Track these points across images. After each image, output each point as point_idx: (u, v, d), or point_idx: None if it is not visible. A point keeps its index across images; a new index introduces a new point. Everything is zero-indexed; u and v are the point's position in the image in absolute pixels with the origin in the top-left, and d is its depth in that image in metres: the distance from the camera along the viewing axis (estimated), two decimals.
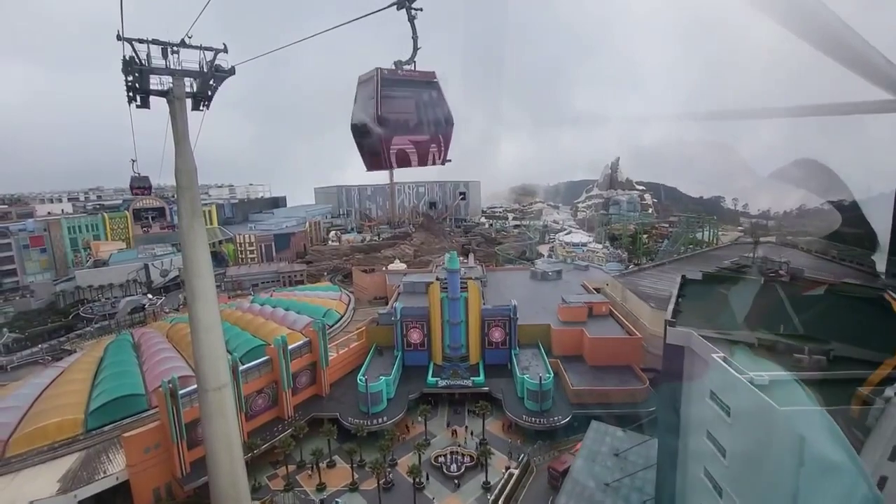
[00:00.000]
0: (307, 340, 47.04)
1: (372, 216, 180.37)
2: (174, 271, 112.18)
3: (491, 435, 43.39)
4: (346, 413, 44.39)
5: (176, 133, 19.56)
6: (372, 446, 40.43)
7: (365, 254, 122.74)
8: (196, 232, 20.12)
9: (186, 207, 19.90)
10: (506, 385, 48.38)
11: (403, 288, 72.57)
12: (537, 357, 51.62)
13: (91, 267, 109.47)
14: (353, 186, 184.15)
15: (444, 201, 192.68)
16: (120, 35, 17.17)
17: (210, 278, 21.08)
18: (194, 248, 20.16)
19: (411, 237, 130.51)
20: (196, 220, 20.18)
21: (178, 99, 19.18)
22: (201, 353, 21.18)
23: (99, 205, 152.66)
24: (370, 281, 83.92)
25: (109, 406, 40.64)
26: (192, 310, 20.91)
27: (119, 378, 44.59)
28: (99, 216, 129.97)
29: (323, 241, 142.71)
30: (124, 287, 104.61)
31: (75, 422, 39.13)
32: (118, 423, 39.96)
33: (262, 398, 42.40)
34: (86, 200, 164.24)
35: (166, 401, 34.42)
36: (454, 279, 50.26)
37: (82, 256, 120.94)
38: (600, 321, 56.63)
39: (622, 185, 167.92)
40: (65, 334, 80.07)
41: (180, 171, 19.67)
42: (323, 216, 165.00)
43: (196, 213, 20.22)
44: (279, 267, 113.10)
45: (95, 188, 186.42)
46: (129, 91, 20.30)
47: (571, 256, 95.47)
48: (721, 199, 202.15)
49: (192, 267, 20.37)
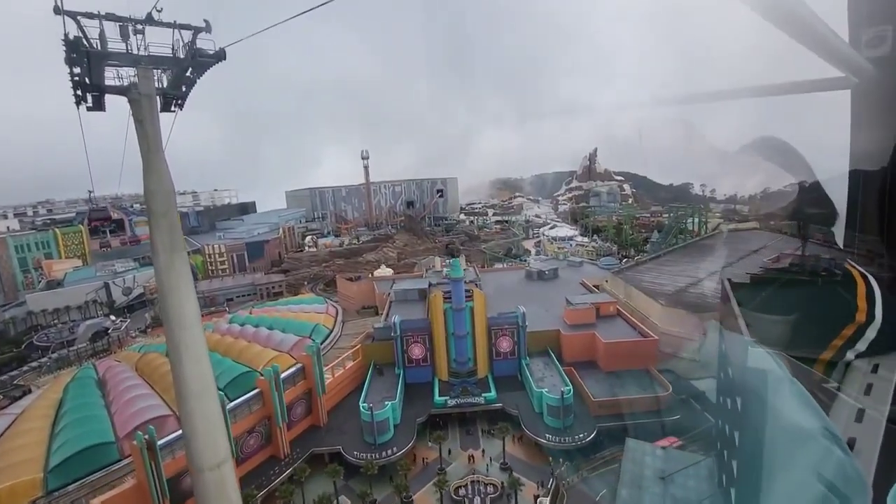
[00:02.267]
0: (300, 367, 42.18)
1: (348, 218, 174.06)
2: (138, 289, 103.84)
3: (511, 458, 39.83)
4: (350, 445, 39.89)
5: (145, 143, 14.76)
6: (382, 481, 36.30)
7: (346, 259, 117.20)
8: (178, 272, 15.38)
9: (163, 240, 15.12)
10: (519, 399, 44.96)
11: (395, 296, 68.20)
12: (549, 366, 48.41)
13: (44, 289, 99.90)
14: (327, 188, 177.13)
15: (422, 200, 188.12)
16: (58, 6, 12.33)
17: (198, 329, 16.37)
18: (177, 293, 15.39)
19: (393, 239, 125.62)
20: (177, 255, 15.44)
21: (146, 96, 14.39)
22: (193, 426, 16.44)
23: (49, 219, 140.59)
24: (357, 290, 79.01)
25: (74, 460, 34.75)
26: (177, 370, 16.17)
27: (83, 424, 38.61)
28: (50, 232, 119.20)
29: (299, 247, 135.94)
30: (83, 309, 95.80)
31: (33, 483, 33.22)
32: (85, 480, 34.21)
33: (253, 437, 37.44)
34: (34, 215, 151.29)
35: (143, 456, 29.17)
36: (458, 288, 46.37)
37: (33, 277, 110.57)
38: (609, 322, 53.87)
39: (601, 176, 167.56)
40: (17, 367, 71.71)
41: (153, 193, 14.87)
42: (297, 221, 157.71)
43: (176, 246, 15.46)
44: (255, 278, 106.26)
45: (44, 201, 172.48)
46: (75, 88, 15.37)
47: (564, 253, 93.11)
48: (690, 185, 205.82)
49: (175, 316, 15.59)
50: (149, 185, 14.84)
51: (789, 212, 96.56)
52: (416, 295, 67.79)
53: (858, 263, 19.61)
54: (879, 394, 14.08)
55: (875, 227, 14.07)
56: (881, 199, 12.92)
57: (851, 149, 15.03)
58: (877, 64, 11.04)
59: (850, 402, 14.68)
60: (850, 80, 12.23)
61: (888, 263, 14.69)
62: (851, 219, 19.78)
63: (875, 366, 15.58)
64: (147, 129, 14.60)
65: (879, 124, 12.43)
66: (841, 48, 11.05)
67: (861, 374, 15.53)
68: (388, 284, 77.68)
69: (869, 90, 12.10)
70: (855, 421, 14.20)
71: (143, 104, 14.39)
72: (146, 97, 14.36)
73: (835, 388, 15.73)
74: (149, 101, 14.49)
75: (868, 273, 18.48)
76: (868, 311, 17.68)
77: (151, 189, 14.81)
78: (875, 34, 10.76)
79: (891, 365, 14.75)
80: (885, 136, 11.84)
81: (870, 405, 13.97)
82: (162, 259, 15.13)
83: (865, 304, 18.01)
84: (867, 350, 16.19)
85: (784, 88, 16.08)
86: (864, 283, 19.17)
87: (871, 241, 15.45)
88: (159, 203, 14.87)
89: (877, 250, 15.16)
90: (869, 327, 17.19)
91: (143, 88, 14.25)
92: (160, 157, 14.86)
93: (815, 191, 36.84)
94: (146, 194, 14.91)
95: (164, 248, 15.12)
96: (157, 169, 14.73)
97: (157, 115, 14.83)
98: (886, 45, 10.70)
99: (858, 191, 15.38)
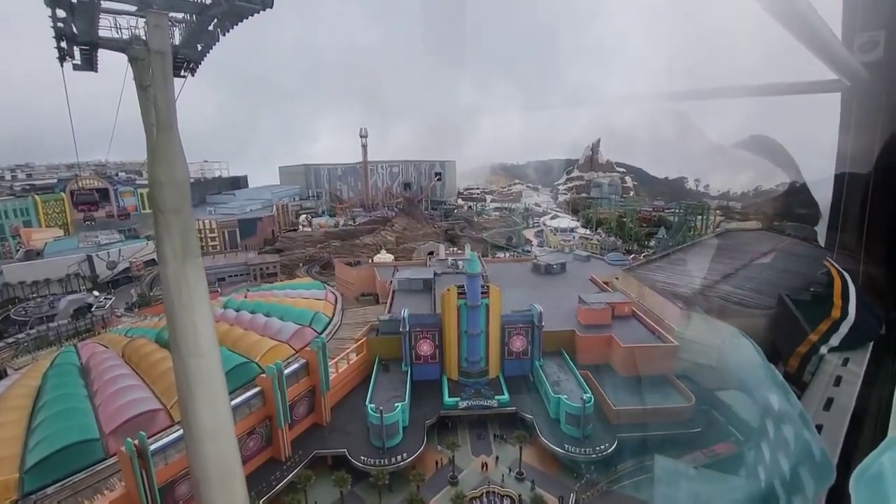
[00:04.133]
0: (304, 363, 39.18)
1: (343, 198, 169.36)
2: (124, 263, 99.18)
3: (526, 467, 37.65)
4: (356, 448, 37.31)
5: (150, 117, 11.23)
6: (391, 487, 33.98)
7: (342, 241, 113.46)
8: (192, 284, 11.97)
9: (173, 244, 11.64)
10: (532, 403, 42.75)
11: (398, 285, 65.14)
12: (564, 369, 46.15)
13: (22, 259, 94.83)
14: (322, 165, 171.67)
15: (419, 182, 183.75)
16: None
17: (215, 356, 13.12)
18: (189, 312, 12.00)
19: (392, 223, 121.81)
20: (190, 263, 12.01)
21: (158, 54, 10.78)
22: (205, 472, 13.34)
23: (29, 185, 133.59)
24: (356, 275, 75.70)
25: (54, 459, 31.59)
26: (189, 406, 12.95)
27: (64, 418, 35.34)
28: (29, 199, 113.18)
29: (292, 226, 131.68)
30: (64, 283, 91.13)
31: (6, 485, 30.10)
32: (66, 481, 31.12)
33: (253, 440, 34.57)
34: (13, 180, 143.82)
35: (132, 465, 26.15)
36: (474, 284, 43.48)
37: (11, 246, 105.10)
38: (624, 323, 51.68)
39: (602, 167, 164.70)
40: None
41: (161, 184, 11.34)
42: (291, 198, 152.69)
43: (190, 252, 12.00)
44: (248, 258, 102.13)
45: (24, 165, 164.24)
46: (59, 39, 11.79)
47: (570, 246, 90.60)
48: (684, 179, 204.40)
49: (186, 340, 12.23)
50: (156, 173, 11.35)
51: (779, 210, 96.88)
52: (420, 285, 64.87)
53: (837, 261, 21.99)
54: (847, 386, 15.38)
55: (856, 227, 14.66)
56: (863, 201, 13.22)
57: (838, 151, 15.63)
58: (868, 68, 11.44)
59: (820, 392, 15.91)
60: (841, 83, 12.80)
61: (864, 262, 15.79)
62: (833, 218, 20.40)
63: (845, 359, 16.91)
64: (156, 99, 11.07)
65: (867, 127, 12.85)
66: (836, 50, 11.50)
67: (832, 366, 16.83)
68: (390, 271, 74.59)
69: (859, 93, 12.57)
70: (823, 409, 15.26)
71: (152, 65, 10.81)
72: (158, 55, 10.75)
73: (808, 379, 17.15)
74: (161, 62, 10.89)
75: (844, 271, 19.96)
76: (842, 308, 18.68)
77: (160, 179, 11.32)
78: (868, 38, 11.31)
79: (859, 359, 16.01)
80: (870, 139, 12.34)
81: (837, 396, 15.12)
82: (172, 268, 11.75)
83: (840, 300, 19.07)
84: (839, 345, 17.52)
85: (778, 89, 17.82)
86: (840, 281, 20.52)
87: (851, 240, 16.80)
88: (170, 197, 11.42)
89: (856, 249, 15.83)
90: (843, 323, 18.23)
91: (155, 43, 10.62)
92: (172, 138, 11.36)
93: (802, 191, 39.44)
94: (152, 185, 11.47)
95: (174, 254, 11.74)
96: (167, 153, 11.22)
97: (170, 81, 11.27)
98: (878, 49, 11.16)
99: (842, 192, 16.87)
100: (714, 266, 67.50)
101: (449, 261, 74.91)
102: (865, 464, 5.24)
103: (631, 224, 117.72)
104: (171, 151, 11.30)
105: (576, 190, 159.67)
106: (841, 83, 13.16)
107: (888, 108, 12.20)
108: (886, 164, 12.35)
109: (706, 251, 75.90)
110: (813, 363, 17.13)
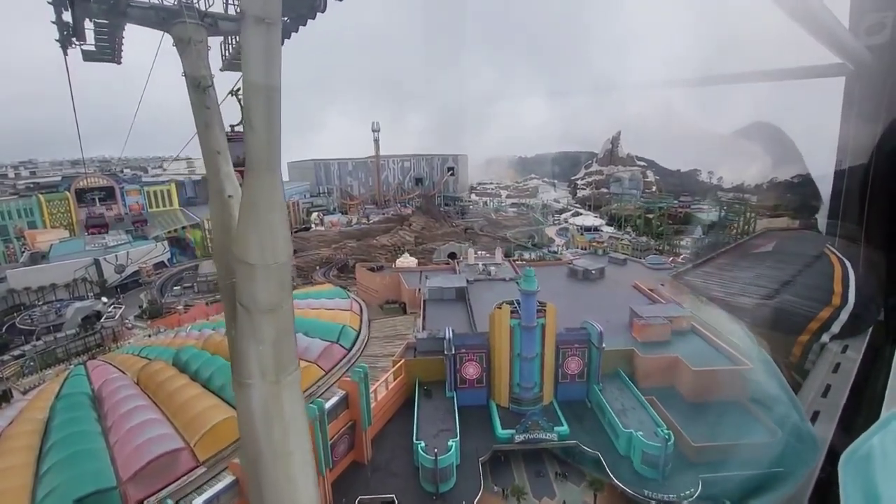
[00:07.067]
0: (343, 395, 34.76)
1: (354, 194, 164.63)
2: (132, 266, 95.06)
3: None
4: (405, 494, 32.99)
5: (250, 145, 6.50)
6: None
7: (357, 240, 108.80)
8: (289, 418, 7.38)
9: (264, 356, 7.07)
10: (593, 434, 38.35)
11: (429, 294, 60.65)
12: (625, 393, 41.67)
13: (28, 261, 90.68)
14: (332, 160, 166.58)
15: (431, 177, 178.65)
16: None
17: (297, 383, 8.34)
18: (284, 458, 7.46)
19: (409, 221, 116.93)
20: (287, 384, 7.53)
21: (260, 22, 5.70)
22: None
23: (33, 183, 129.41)
24: (380, 282, 71.22)
25: None
26: None
27: (77, 462, 31.18)
28: (34, 198, 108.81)
29: (304, 224, 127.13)
30: (71, 288, 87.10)
31: None
32: None
33: None
34: (16, 178, 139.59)
35: None
36: (530, 303, 38.84)
37: (15, 248, 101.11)
38: (683, 340, 47.08)
39: (623, 161, 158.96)
40: None
41: (253, 267, 6.64)
42: (301, 195, 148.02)
43: (286, 365, 7.52)
44: None
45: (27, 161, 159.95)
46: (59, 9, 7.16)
47: (602, 247, 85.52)
48: (697, 171, 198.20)
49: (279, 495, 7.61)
50: (244, 247, 6.62)
51: (806, 203, 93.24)
52: (452, 294, 60.40)
53: (837, 249, 21.56)
54: (844, 372, 16.62)
55: (856, 213, 13.88)
56: (863, 187, 12.90)
57: (840, 137, 15.17)
58: (874, 51, 11.52)
59: (819, 380, 17.30)
60: (845, 67, 12.95)
61: (864, 248, 14.94)
62: (834, 206, 19.94)
63: (845, 346, 18.01)
64: (249, 112, 6.22)
65: (869, 112, 12.63)
66: (840, 33, 11.40)
67: (832, 353, 18.05)
68: (416, 277, 70.19)
69: (863, 77, 12.69)
70: (821, 396, 16.60)
71: (249, 41, 5.68)
72: (259, 24, 5.60)
73: (809, 368, 18.38)
74: (265, 34, 5.73)
75: (845, 258, 19.42)
76: (842, 295, 18.95)
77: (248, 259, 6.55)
78: (876, 20, 11.41)
79: (857, 346, 16.71)
80: (873, 124, 12.40)
81: (835, 382, 16.31)
82: (258, 393, 7.14)
83: (841, 287, 19.18)
84: (840, 332, 18.53)
85: (782, 74, 17.23)
86: (840, 268, 20.49)
87: (852, 227, 15.86)
88: (264, 288, 6.67)
89: (856, 236, 15.04)
90: (843, 310, 18.81)
91: (253, 5, 5.53)
92: (274, 185, 6.67)
93: (808, 182, 43.02)
94: (231, 266, 6.75)
95: (262, 372, 7.17)
96: (265, 215, 6.44)
97: (277, 78, 6.35)
98: (886, 32, 11.32)
99: (843, 178, 15.98)
100: (768, 272, 62.77)
101: (480, 266, 70.25)
102: (855, 445, 4.64)
103: (658, 222, 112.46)
104: (271, 210, 6.58)
105: (595, 185, 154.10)
106: (845, 67, 12.86)
107: (891, 92, 11.78)
108: (888, 150, 11.89)
109: (755, 254, 70.97)
110: (814, 352, 18.37)
